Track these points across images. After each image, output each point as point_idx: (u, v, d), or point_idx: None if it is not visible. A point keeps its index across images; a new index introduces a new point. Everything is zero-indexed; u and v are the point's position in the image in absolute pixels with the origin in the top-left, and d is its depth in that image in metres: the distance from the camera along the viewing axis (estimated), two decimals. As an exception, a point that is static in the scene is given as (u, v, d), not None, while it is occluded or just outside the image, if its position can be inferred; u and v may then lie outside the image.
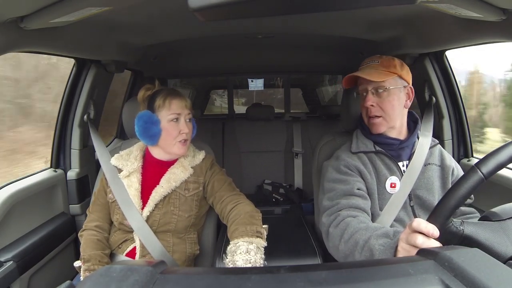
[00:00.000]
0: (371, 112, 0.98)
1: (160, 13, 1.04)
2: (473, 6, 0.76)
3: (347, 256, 0.82)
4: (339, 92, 3.41)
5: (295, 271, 0.40)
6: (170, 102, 1.03)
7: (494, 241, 0.57)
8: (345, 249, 0.82)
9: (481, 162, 0.58)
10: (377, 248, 0.73)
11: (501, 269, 0.38)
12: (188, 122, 1.06)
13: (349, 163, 0.99)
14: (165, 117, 1.03)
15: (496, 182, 1.19)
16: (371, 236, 0.76)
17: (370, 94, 0.97)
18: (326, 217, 0.92)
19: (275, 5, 0.41)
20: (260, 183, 2.29)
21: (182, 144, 1.05)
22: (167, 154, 1.08)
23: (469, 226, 0.59)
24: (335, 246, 0.87)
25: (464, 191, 0.57)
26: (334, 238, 0.87)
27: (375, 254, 0.73)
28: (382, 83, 0.96)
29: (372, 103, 0.97)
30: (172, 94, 1.05)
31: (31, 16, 0.74)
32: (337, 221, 0.88)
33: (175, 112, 1.03)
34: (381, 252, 0.71)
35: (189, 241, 1.08)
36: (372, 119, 0.99)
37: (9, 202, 1.11)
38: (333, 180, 0.99)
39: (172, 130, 1.03)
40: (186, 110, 1.05)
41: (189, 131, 1.05)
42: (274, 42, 1.62)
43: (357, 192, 0.94)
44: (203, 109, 3.41)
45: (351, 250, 0.80)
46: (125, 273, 0.38)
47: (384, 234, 0.74)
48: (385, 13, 1.10)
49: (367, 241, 0.76)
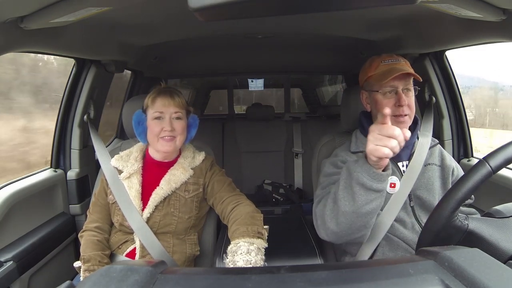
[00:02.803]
0: (403, 111, 0.95)
1: (160, 13, 1.04)
2: (473, 6, 0.76)
3: (331, 211, 0.83)
4: (339, 92, 3.42)
5: (295, 271, 0.40)
6: (154, 100, 1.03)
7: (498, 237, 0.57)
8: (328, 207, 0.84)
9: (490, 155, 0.58)
10: (350, 162, 0.80)
11: (501, 269, 0.38)
12: (174, 120, 1.03)
13: (347, 160, 0.99)
14: (149, 115, 1.04)
15: (496, 182, 1.19)
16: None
17: (403, 93, 0.96)
18: (315, 205, 0.93)
19: (275, 5, 0.41)
20: (260, 183, 2.29)
21: (166, 141, 1.03)
22: (157, 152, 1.08)
23: (473, 221, 0.59)
24: (322, 219, 0.86)
25: (472, 184, 0.57)
26: (320, 213, 0.87)
27: (350, 166, 0.79)
28: (410, 82, 0.96)
29: (406, 102, 0.96)
30: (160, 92, 1.04)
31: (31, 16, 0.74)
32: (322, 200, 0.90)
33: (157, 110, 1.02)
34: (353, 163, 0.78)
35: (189, 242, 1.08)
36: (402, 117, 0.96)
37: (9, 202, 1.11)
38: (329, 174, 0.98)
39: (154, 127, 1.02)
40: (172, 108, 1.03)
41: (174, 129, 1.02)
42: (274, 42, 1.62)
43: None
44: (203, 109, 3.41)
45: (333, 198, 0.83)
46: (125, 273, 0.38)
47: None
48: (385, 13, 1.10)
49: (342, 170, 0.82)
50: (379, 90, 0.96)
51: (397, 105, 0.94)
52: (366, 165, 0.75)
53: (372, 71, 0.98)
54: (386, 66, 0.96)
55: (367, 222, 0.82)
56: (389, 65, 0.96)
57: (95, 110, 1.44)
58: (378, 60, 0.99)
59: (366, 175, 0.75)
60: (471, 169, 0.59)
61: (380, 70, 0.96)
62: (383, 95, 0.96)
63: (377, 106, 0.98)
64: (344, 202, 0.79)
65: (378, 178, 0.75)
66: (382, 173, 0.75)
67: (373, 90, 0.99)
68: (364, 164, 0.76)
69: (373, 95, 0.99)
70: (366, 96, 1.04)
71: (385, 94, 0.96)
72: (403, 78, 0.95)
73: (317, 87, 3.63)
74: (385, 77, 0.92)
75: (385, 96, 0.96)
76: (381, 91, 0.96)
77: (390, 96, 0.96)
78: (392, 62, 0.97)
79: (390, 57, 0.98)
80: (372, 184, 0.75)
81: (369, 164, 0.75)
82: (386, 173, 0.76)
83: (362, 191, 0.76)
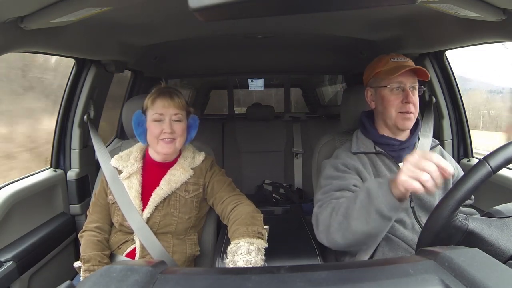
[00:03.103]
0: (409, 108, 0.97)
1: (160, 13, 1.04)
2: (473, 6, 0.76)
3: (339, 224, 0.81)
4: (339, 92, 3.42)
5: (295, 271, 0.40)
6: (154, 101, 1.02)
7: (498, 237, 0.57)
8: (337, 218, 0.81)
9: (490, 155, 0.58)
10: (371, 185, 0.75)
11: (501, 269, 0.38)
12: (174, 122, 1.03)
13: (347, 162, 0.99)
14: (149, 116, 1.03)
15: (496, 182, 1.19)
16: (363, 185, 0.79)
17: (410, 91, 0.97)
18: (317, 208, 0.92)
19: (275, 5, 0.41)
20: (260, 183, 2.29)
21: (166, 143, 1.02)
22: (157, 154, 1.08)
23: (473, 221, 0.59)
24: (325, 225, 0.85)
25: (472, 184, 0.57)
26: (324, 219, 0.86)
27: (371, 189, 0.75)
28: (416, 82, 0.98)
29: (413, 100, 0.97)
30: (160, 93, 1.03)
31: (31, 16, 0.74)
32: (326, 206, 0.88)
33: (157, 112, 1.02)
34: (376, 187, 0.74)
35: (189, 242, 1.08)
36: (407, 114, 0.97)
37: (9, 202, 1.11)
38: (329, 176, 0.98)
39: (154, 129, 1.02)
40: (172, 109, 1.02)
41: (174, 131, 1.02)
42: (274, 42, 1.62)
43: (352, 188, 0.93)
44: (203, 109, 3.41)
45: (344, 213, 0.80)
46: (125, 273, 0.38)
47: (374, 180, 0.78)
48: (385, 13, 1.10)
49: (360, 189, 0.78)
50: (387, 86, 0.97)
51: (404, 101, 0.96)
52: (389, 196, 0.72)
53: (381, 67, 1.00)
54: (395, 63, 0.99)
55: (375, 239, 0.84)
56: (398, 62, 0.99)
57: (95, 110, 1.44)
58: (387, 58, 1.01)
59: (387, 204, 0.72)
60: (471, 169, 0.59)
61: (389, 66, 0.98)
62: (391, 91, 0.98)
63: (384, 102, 0.99)
64: (357, 222, 0.77)
65: (396, 208, 0.73)
66: (400, 204, 0.73)
67: (380, 86, 1.00)
68: (387, 194, 0.72)
69: (380, 91, 1.00)
70: (371, 94, 1.04)
71: (392, 90, 0.98)
72: (411, 76, 0.97)
73: (317, 87, 3.63)
74: (395, 72, 0.94)
75: (392, 92, 0.98)
76: (389, 87, 0.97)
77: (397, 92, 0.97)
78: (400, 60, 1.00)
79: (398, 55, 1.01)
80: (390, 214, 0.74)
81: (392, 194, 0.72)
82: (404, 204, 0.75)
83: (379, 218, 0.74)
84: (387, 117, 0.99)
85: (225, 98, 2.88)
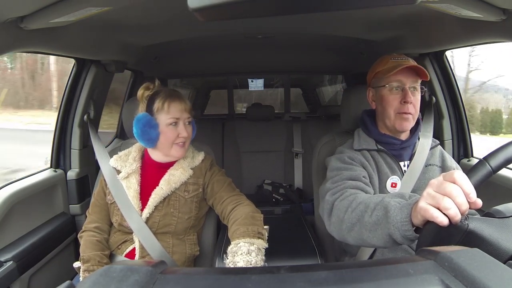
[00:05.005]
0: (408, 109, 0.96)
1: (160, 13, 1.04)
2: (473, 6, 0.76)
3: (352, 225, 0.77)
4: (339, 92, 3.41)
5: (295, 271, 0.40)
6: (169, 105, 1.01)
7: (498, 237, 0.57)
8: (351, 217, 0.77)
9: (490, 155, 0.57)
10: (392, 204, 0.67)
11: (501, 269, 0.38)
12: (187, 125, 1.04)
13: (353, 155, 0.99)
14: (163, 121, 1.01)
15: (496, 182, 1.19)
16: (384, 197, 0.72)
17: (409, 91, 0.96)
18: (330, 196, 0.88)
19: (275, 5, 0.41)
20: (260, 183, 2.29)
21: (180, 147, 1.04)
22: (165, 156, 1.07)
23: (473, 221, 0.59)
24: (339, 218, 0.81)
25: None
26: (339, 211, 0.82)
27: (390, 210, 0.67)
28: (418, 82, 0.97)
29: (412, 100, 0.96)
30: (172, 96, 1.03)
31: (31, 16, 0.74)
32: (344, 196, 0.83)
33: (173, 117, 1.01)
34: (396, 209, 0.66)
35: (189, 242, 1.08)
36: (406, 115, 0.96)
37: (9, 202, 1.11)
38: (337, 168, 0.96)
39: (170, 134, 1.01)
40: (186, 113, 1.03)
41: (188, 134, 1.04)
42: (274, 42, 1.62)
43: (363, 179, 0.91)
44: (203, 109, 3.41)
45: (359, 216, 0.75)
46: (125, 273, 0.38)
47: (399, 195, 0.71)
48: (385, 13, 1.10)
49: (381, 201, 0.71)
50: (386, 85, 0.97)
51: (403, 101, 0.96)
52: (407, 225, 0.63)
53: (381, 67, 1.00)
54: (394, 62, 0.98)
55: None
56: (398, 62, 0.98)
57: (95, 110, 1.44)
58: (387, 57, 1.01)
59: (402, 232, 0.65)
60: (471, 169, 0.58)
61: (388, 65, 0.98)
62: (390, 90, 0.97)
63: (383, 102, 0.99)
64: (369, 234, 0.74)
65: (411, 240, 0.65)
66: (415, 234, 0.64)
67: (380, 85, 1.00)
68: (405, 222, 0.64)
69: (380, 90, 1.00)
70: (372, 94, 1.05)
71: (391, 89, 0.97)
72: (411, 76, 0.96)
73: (317, 87, 3.63)
74: (392, 70, 0.94)
75: (391, 92, 0.97)
76: (388, 86, 0.97)
77: (396, 92, 0.97)
78: (401, 59, 0.99)
79: (399, 55, 1.01)
80: (401, 241, 0.67)
81: (411, 223, 0.63)
82: (416, 235, 0.66)
83: (390, 240, 0.69)
84: (386, 117, 0.99)
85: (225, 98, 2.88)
